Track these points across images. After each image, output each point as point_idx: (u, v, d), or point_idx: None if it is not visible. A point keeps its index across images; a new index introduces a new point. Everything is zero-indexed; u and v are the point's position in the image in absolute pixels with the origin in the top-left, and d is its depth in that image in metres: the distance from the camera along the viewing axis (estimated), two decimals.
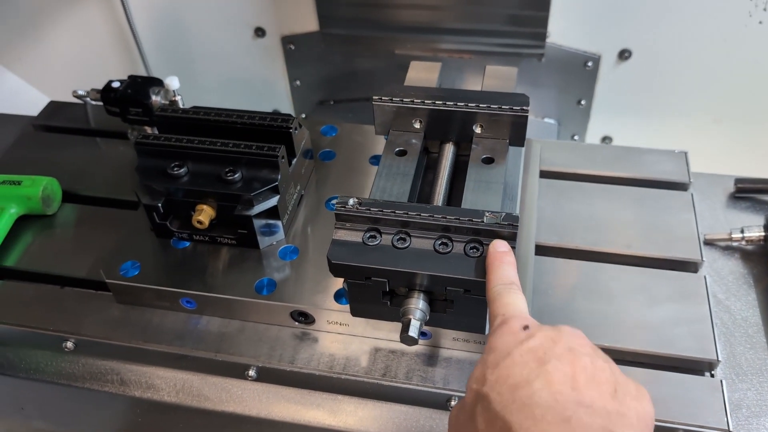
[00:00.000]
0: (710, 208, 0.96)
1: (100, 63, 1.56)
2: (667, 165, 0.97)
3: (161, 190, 0.83)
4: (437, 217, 0.69)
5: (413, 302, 0.69)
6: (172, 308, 0.84)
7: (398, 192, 0.78)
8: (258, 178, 0.82)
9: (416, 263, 0.68)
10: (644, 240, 0.88)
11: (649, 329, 0.79)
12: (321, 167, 0.96)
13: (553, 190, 0.94)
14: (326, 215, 0.90)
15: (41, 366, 0.86)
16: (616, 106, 1.40)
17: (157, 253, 0.85)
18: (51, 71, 1.57)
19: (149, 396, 0.83)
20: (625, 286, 0.83)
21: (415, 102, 0.82)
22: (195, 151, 0.83)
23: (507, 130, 0.82)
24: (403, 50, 1.35)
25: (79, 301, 0.86)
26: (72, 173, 1.02)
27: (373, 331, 0.79)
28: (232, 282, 0.82)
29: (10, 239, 0.93)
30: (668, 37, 1.28)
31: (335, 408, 0.79)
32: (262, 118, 0.86)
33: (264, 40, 1.44)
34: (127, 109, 0.99)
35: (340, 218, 0.71)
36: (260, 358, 0.79)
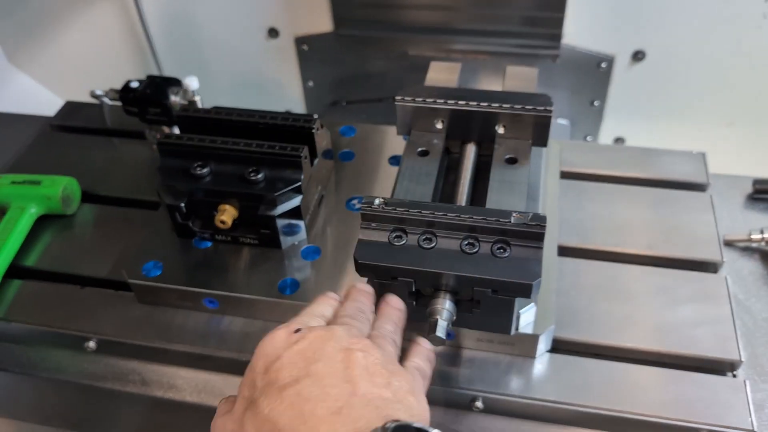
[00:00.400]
0: (728, 209, 0.96)
1: (113, 64, 1.56)
2: (686, 166, 0.97)
3: (184, 190, 0.83)
4: (464, 217, 0.69)
5: (440, 302, 0.69)
6: (195, 308, 0.84)
7: (422, 192, 0.78)
8: (281, 178, 0.82)
9: (444, 263, 0.68)
10: (664, 241, 0.88)
11: (671, 330, 0.79)
12: (340, 167, 0.96)
13: (574, 190, 0.94)
14: (346, 215, 0.90)
15: (63, 366, 0.86)
16: (629, 107, 1.40)
17: (179, 253, 0.85)
18: (63, 72, 1.57)
19: (171, 396, 0.83)
20: (647, 286, 0.84)
21: (438, 102, 0.82)
22: (218, 151, 0.83)
23: (530, 130, 0.82)
24: (417, 51, 1.35)
25: (101, 301, 0.86)
26: (90, 173, 1.02)
27: None
28: (255, 282, 0.82)
29: (30, 239, 0.93)
30: (682, 39, 1.28)
31: None
32: (284, 118, 0.86)
33: (277, 40, 1.44)
34: (146, 109, 1.00)
35: (366, 218, 0.71)
36: None
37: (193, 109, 0.88)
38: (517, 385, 0.75)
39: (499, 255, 0.68)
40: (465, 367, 0.77)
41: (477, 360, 0.78)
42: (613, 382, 0.75)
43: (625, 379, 0.76)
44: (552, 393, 0.75)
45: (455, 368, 0.77)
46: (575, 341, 0.79)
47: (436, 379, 0.76)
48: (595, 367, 0.77)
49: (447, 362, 0.78)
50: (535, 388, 0.75)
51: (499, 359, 0.78)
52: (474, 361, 0.78)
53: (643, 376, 0.76)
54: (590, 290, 0.83)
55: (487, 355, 0.78)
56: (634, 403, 0.73)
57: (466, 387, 0.75)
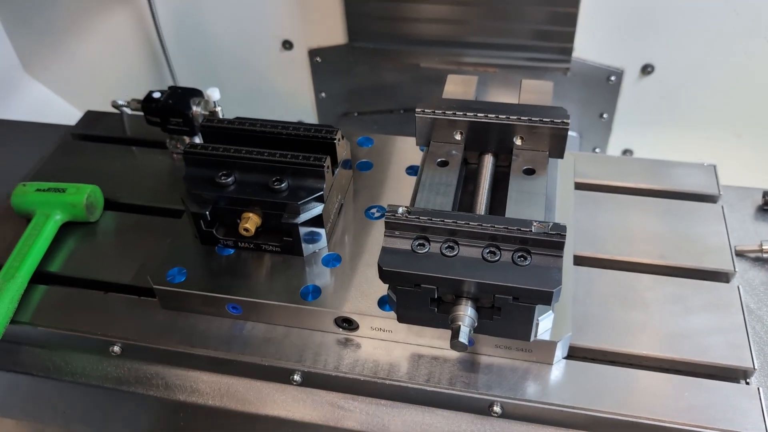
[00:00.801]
0: (739, 221, 0.98)
1: (128, 74, 1.59)
2: (697, 178, 0.99)
3: (208, 198, 0.85)
4: (485, 226, 0.71)
5: (462, 309, 0.70)
6: (218, 314, 0.86)
7: (442, 202, 0.80)
8: (304, 187, 0.84)
9: (466, 271, 0.69)
10: (677, 251, 0.90)
11: (685, 338, 0.81)
12: (358, 177, 0.98)
13: (588, 201, 0.96)
14: (365, 224, 0.92)
15: (87, 370, 0.88)
16: (637, 119, 1.42)
17: (202, 260, 0.87)
18: (79, 82, 1.60)
19: (194, 400, 0.85)
20: (660, 295, 0.85)
21: (458, 114, 0.84)
22: (242, 161, 0.85)
23: (547, 142, 0.84)
24: (429, 64, 1.38)
25: (125, 307, 0.88)
26: (111, 181, 1.04)
27: (416, 337, 0.81)
28: (278, 288, 0.83)
29: (55, 245, 0.95)
30: (690, 53, 1.31)
31: (378, 413, 0.81)
32: (306, 129, 0.88)
33: (291, 52, 1.46)
34: (168, 119, 1.02)
35: (389, 226, 0.73)
36: (305, 363, 0.81)
37: (217, 119, 0.90)
38: (534, 390, 0.77)
39: (520, 263, 0.70)
40: (483, 373, 0.79)
41: (495, 366, 0.79)
42: (628, 389, 0.77)
43: (641, 385, 0.77)
44: (569, 398, 0.76)
45: (474, 374, 0.79)
46: (591, 348, 0.81)
47: (456, 383, 0.78)
48: (611, 374, 0.79)
49: (466, 368, 0.79)
50: (552, 394, 0.77)
51: (517, 365, 0.79)
52: (492, 367, 0.79)
53: (658, 382, 0.78)
54: (605, 299, 0.85)
55: (505, 362, 0.80)
56: (650, 409, 0.75)
57: (485, 392, 0.77)
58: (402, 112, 1.49)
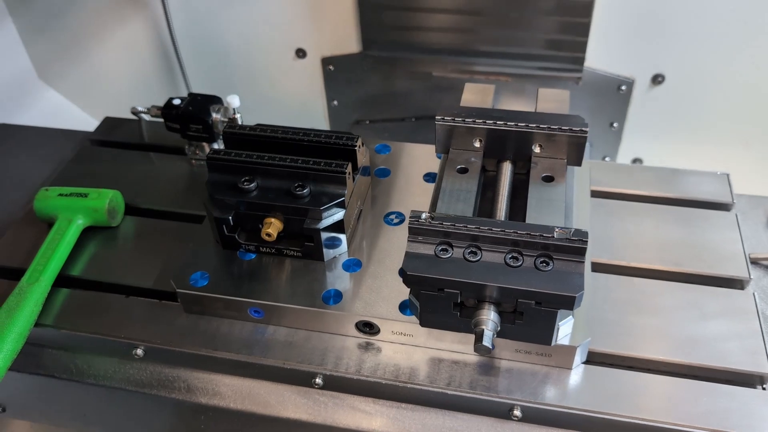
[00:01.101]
0: (752, 229, 0.99)
1: (142, 82, 1.60)
2: (711, 186, 1.01)
3: (231, 203, 0.86)
4: (508, 231, 0.72)
5: (485, 313, 0.72)
6: (240, 318, 0.87)
7: (463, 208, 0.81)
8: (325, 192, 0.85)
9: (490, 276, 0.71)
10: (692, 258, 0.91)
11: (701, 343, 0.82)
12: (377, 184, 1.00)
13: (603, 209, 0.97)
14: (384, 230, 0.93)
15: (109, 373, 0.89)
16: (647, 129, 1.44)
17: (224, 265, 0.88)
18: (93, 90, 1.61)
19: (215, 403, 0.86)
20: (676, 301, 0.86)
21: (477, 122, 0.85)
22: (265, 167, 0.86)
23: (565, 149, 0.85)
24: (441, 72, 1.39)
25: (147, 310, 0.89)
26: (131, 187, 1.05)
27: (436, 342, 0.82)
28: (299, 292, 0.84)
29: (77, 250, 0.96)
30: (701, 63, 1.32)
31: (399, 416, 0.82)
32: (327, 136, 0.89)
33: (304, 61, 1.48)
34: (188, 125, 1.03)
35: (413, 232, 0.74)
36: (327, 367, 0.82)
37: (239, 126, 0.91)
38: (554, 394, 0.78)
39: (542, 268, 0.71)
40: (503, 377, 0.80)
41: (515, 370, 0.80)
42: (646, 393, 0.78)
43: (658, 390, 0.78)
44: (588, 403, 0.77)
45: (494, 378, 0.80)
46: (609, 353, 0.82)
47: (476, 387, 0.79)
48: (629, 379, 0.80)
49: (486, 372, 0.80)
50: (571, 398, 0.78)
51: (537, 370, 0.80)
52: (512, 371, 0.80)
53: (675, 387, 0.79)
54: (622, 304, 0.86)
55: (524, 366, 0.81)
56: (668, 414, 0.76)
57: (505, 396, 0.78)
58: (414, 120, 1.50)
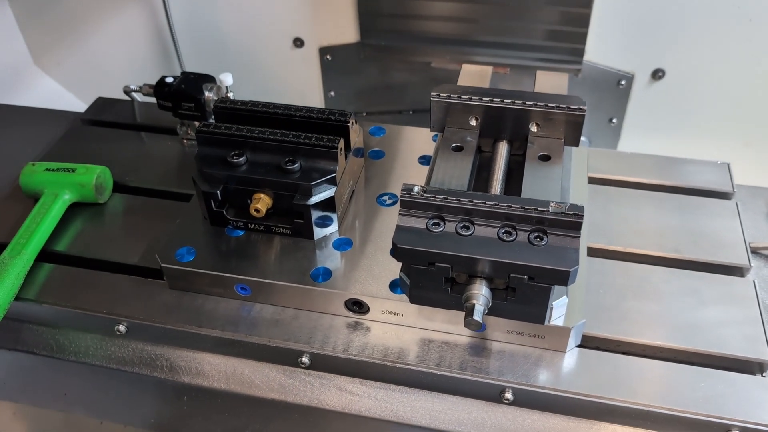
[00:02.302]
0: (752, 219, 0.97)
1: (138, 70, 1.58)
2: (711, 175, 0.99)
3: (220, 177, 0.84)
4: (502, 205, 0.70)
5: (476, 288, 0.69)
6: (226, 295, 0.84)
7: (456, 185, 0.79)
8: (316, 168, 0.83)
9: (482, 250, 0.69)
10: (691, 245, 0.89)
11: (700, 329, 0.80)
12: (370, 165, 0.98)
13: (602, 195, 0.95)
14: (377, 210, 0.91)
15: (91, 350, 0.86)
16: (646, 125, 1.42)
17: (211, 241, 0.86)
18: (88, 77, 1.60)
19: (198, 382, 0.84)
20: (674, 287, 0.84)
21: (474, 99, 0.84)
22: (255, 141, 0.84)
23: (562, 129, 0.83)
24: (440, 63, 1.37)
25: (131, 287, 0.87)
26: (121, 165, 1.03)
27: (427, 321, 0.80)
28: (288, 270, 0.82)
29: (63, 225, 0.94)
30: (702, 59, 1.31)
31: (387, 398, 0.79)
32: (320, 112, 0.88)
33: (302, 50, 1.46)
34: (180, 104, 1.01)
35: (404, 205, 0.72)
36: (314, 346, 0.79)
37: (231, 101, 0.90)
38: (547, 377, 0.76)
39: (536, 243, 0.69)
40: (495, 359, 0.77)
41: (507, 352, 0.78)
42: (642, 378, 0.76)
43: (655, 375, 0.76)
44: (582, 386, 0.75)
45: (485, 359, 0.77)
46: (604, 338, 0.79)
47: (467, 368, 0.76)
48: (625, 363, 0.77)
49: (477, 353, 0.78)
50: (565, 381, 0.75)
51: (529, 352, 0.78)
52: (504, 353, 0.78)
53: (673, 373, 0.76)
54: (619, 289, 0.84)
55: (517, 348, 0.78)
56: (665, 399, 0.73)
57: (496, 378, 0.76)
58: (411, 113, 1.49)
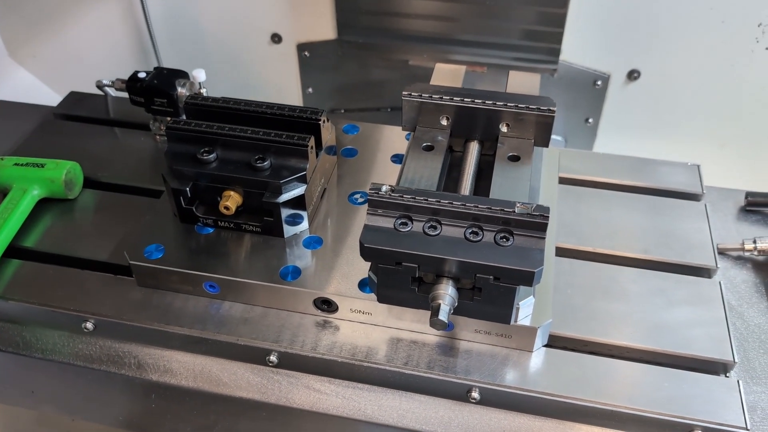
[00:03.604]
0: (721, 220, 0.98)
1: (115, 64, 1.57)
2: (681, 176, 1.00)
3: (190, 174, 0.84)
4: (469, 206, 0.70)
5: (443, 288, 0.70)
6: (195, 293, 0.84)
7: (426, 185, 0.79)
8: (287, 166, 0.83)
9: (448, 250, 0.69)
10: (660, 246, 0.90)
11: (667, 330, 0.80)
12: (343, 164, 0.97)
13: (572, 195, 0.96)
14: (348, 209, 0.91)
15: (58, 347, 0.86)
16: (622, 125, 1.43)
17: (181, 238, 0.86)
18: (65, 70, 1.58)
19: (166, 380, 0.83)
20: (642, 288, 0.85)
21: (445, 99, 0.84)
22: (225, 138, 0.84)
23: (533, 129, 0.84)
24: (418, 61, 1.37)
25: (100, 284, 0.86)
26: (93, 160, 1.02)
27: (396, 321, 0.80)
28: (257, 268, 0.82)
29: (31, 221, 0.93)
30: (677, 60, 1.32)
31: (355, 396, 0.80)
32: (291, 109, 0.87)
33: (280, 46, 1.46)
34: (152, 99, 1.01)
35: (373, 204, 0.72)
36: (282, 344, 0.79)
37: (202, 97, 0.89)
38: (513, 377, 0.76)
39: (502, 244, 0.69)
40: (462, 358, 0.78)
41: (474, 351, 0.78)
42: (609, 378, 0.76)
43: (621, 375, 0.77)
44: (548, 386, 0.75)
45: (453, 359, 0.78)
46: (571, 337, 0.80)
47: (434, 367, 0.77)
48: (592, 363, 0.78)
49: (445, 353, 0.78)
50: (531, 381, 0.76)
51: (496, 351, 0.78)
52: (471, 352, 0.78)
53: (638, 373, 0.77)
54: (587, 290, 0.84)
55: (484, 347, 0.79)
56: (630, 399, 0.74)
57: (463, 377, 0.76)
58: (389, 110, 1.49)
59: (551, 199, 0.92)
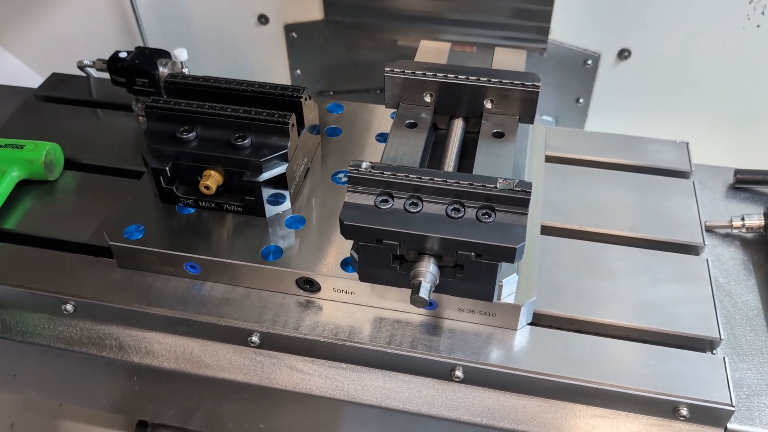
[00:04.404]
0: (710, 198, 0.97)
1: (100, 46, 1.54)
2: (669, 154, 0.99)
3: (169, 153, 0.82)
4: (450, 182, 0.69)
5: (424, 265, 0.69)
6: (176, 273, 0.83)
7: (409, 162, 0.78)
8: (267, 144, 0.82)
9: (429, 227, 0.68)
10: (647, 223, 0.89)
11: (653, 307, 0.80)
12: (327, 143, 0.96)
13: (558, 173, 0.95)
14: (332, 188, 0.90)
15: (38, 329, 0.85)
16: (613, 105, 1.41)
17: (161, 218, 0.85)
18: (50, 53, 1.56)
19: (148, 362, 0.82)
20: (629, 266, 0.84)
21: (428, 75, 0.82)
22: (205, 116, 0.83)
23: (517, 106, 0.82)
24: (406, 41, 1.36)
25: (80, 265, 0.85)
26: (74, 142, 1.01)
27: (379, 300, 0.79)
28: (238, 248, 0.81)
29: (11, 203, 0.92)
30: (668, 38, 1.30)
31: (338, 376, 0.79)
32: (272, 87, 0.86)
33: (267, 27, 1.44)
34: (134, 79, 0.99)
35: (353, 181, 0.71)
36: (264, 324, 0.78)
37: (182, 75, 0.88)
38: (497, 355, 0.75)
39: (484, 220, 0.68)
40: (446, 337, 0.77)
41: (458, 330, 0.78)
42: (594, 356, 0.75)
43: (606, 353, 0.76)
44: (533, 364, 0.74)
45: (436, 337, 0.77)
46: (556, 316, 0.79)
47: (417, 346, 0.76)
48: (577, 341, 0.77)
49: (428, 331, 0.77)
50: (515, 359, 0.75)
51: (480, 330, 0.77)
52: (455, 331, 0.78)
53: (624, 350, 0.76)
54: (572, 267, 0.84)
55: (468, 326, 0.78)
56: (616, 377, 0.73)
57: (447, 356, 0.75)
58: (378, 92, 1.47)
59: (537, 177, 0.91)
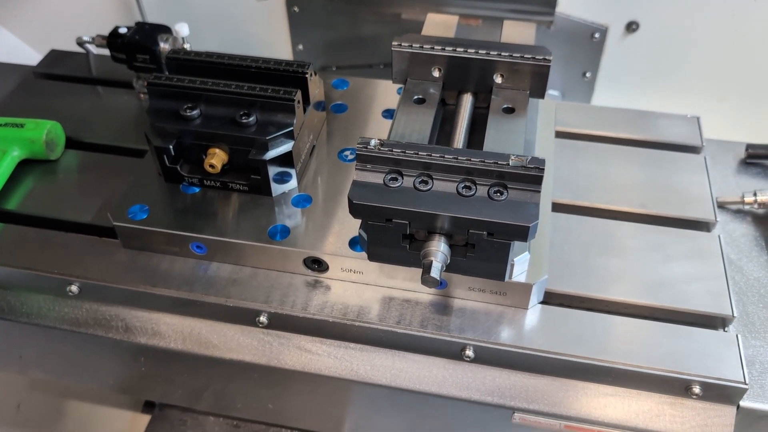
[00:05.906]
0: (721, 174, 0.96)
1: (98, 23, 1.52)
2: (680, 129, 0.97)
3: (173, 131, 0.81)
4: (461, 159, 0.68)
5: (434, 244, 0.68)
6: (181, 254, 0.82)
7: (417, 139, 0.77)
8: (273, 122, 0.80)
9: (440, 205, 0.66)
10: (658, 199, 0.88)
11: (665, 285, 0.79)
12: (332, 119, 0.95)
13: (569, 149, 0.93)
14: (338, 166, 0.88)
15: (43, 311, 0.84)
16: (620, 79, 1.39)
17: (166, 198, 0.83)
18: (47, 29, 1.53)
19: (155, 343, 0.81)
20: (640, 243, 0.83)
21: (436, 49, 0.81)
22: (209, 93, 0.81)
23: (528, 80, 0.81)
24: (410, 14, 1.33)
25: (85, 246, 0.84)
26: (75, 120, 0.99)
27: (387, 279, 0.78)
28: (245, 227, 0.80)
29: (12, 183, 0.91)
30: (676, 10, 1.28)
31: (347, 356, 0.78)
32: (277, 63, 0.84)
33: (268, 2, 1.41)
34: (134, 55, 0.97)
35: (361, 159, 0.69)
36: (272, 305, 0.77)
37: (184, 51, 0.86)
38: (508, 334, 0.75)
39: (496, 198, 0.67)
40: (456, 316, 0.76)
41: (468, 309, 0.77)
42: (606, 335, 0.75)
43: (618, 331, 0.75)
44: (544, 343, 0.74)
45: (446, 317, 0.76)
46: (568, 294, 0.78)
47: (427, 326, 0.75)
48: (588, 320, 0.76)
49: (438, 311, 0.76)
50: (526, 338, 0.74)
51: (491, 309, 0.77)
52: (465, 310, 0.77)
53: (636, 329, 0.75)
54: (583, 245, 0.83)
55: (478, 305, 0.77)
56: (628, 355, 0.73)
57: (457, 335, 0.74)
58: (382, 67, 1.45)
59: (548, 153, 0.89)
